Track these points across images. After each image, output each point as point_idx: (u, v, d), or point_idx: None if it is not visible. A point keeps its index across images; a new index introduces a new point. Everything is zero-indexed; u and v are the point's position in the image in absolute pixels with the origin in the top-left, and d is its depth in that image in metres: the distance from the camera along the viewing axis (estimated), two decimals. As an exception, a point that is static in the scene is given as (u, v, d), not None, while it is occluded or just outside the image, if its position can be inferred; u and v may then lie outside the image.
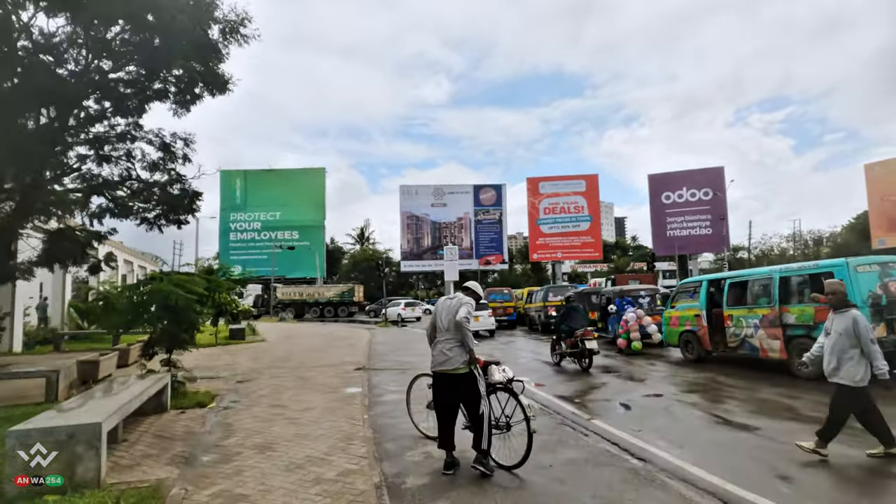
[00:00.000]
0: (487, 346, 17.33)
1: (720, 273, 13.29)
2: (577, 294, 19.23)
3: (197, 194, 16.57)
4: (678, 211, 53.37)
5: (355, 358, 13.96)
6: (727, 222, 52.13)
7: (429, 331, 5.53)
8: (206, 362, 13.44)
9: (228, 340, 19.48)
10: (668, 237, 53.49)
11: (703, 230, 52.52)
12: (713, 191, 52.32)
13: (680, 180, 53.61)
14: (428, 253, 55.42)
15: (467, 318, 5.05)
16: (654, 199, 54.26)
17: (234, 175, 58.84)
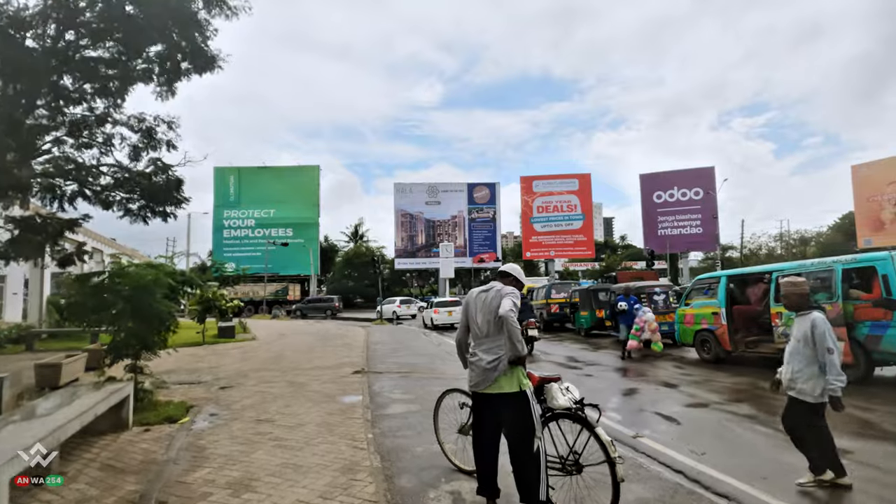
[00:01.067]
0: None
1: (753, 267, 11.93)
2: (584, 291, 17.89)
3: (180, 182, 15.07)
4: (669, 210, 52.42)
5: (353, 359, 12.49)
6: (717, 222, 51.26)
7: (459, 337, 4.08)
8: (188, 363, 11.89)
9: (217, 339, 17.91)
10: (659, 236, 52.49)
11: (693, 229, 51.60)
12: (704, 190, 51.38)
13: (671, 180, 52.64)
14: (422, 251, 53.95)
15: (513, 310, 3.54)
16: (646, 199, 53.29)
17: (227, 172, 56.94)
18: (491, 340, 3.67)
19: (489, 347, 3.67)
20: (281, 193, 55.98)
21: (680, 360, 11.74)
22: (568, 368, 11.18)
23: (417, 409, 7.17)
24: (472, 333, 3.85)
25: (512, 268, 4.06)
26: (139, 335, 6.44)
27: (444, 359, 12.79)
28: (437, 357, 13.11)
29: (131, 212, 17.01)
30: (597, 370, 10.93)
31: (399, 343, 16.91)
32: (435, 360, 12.43)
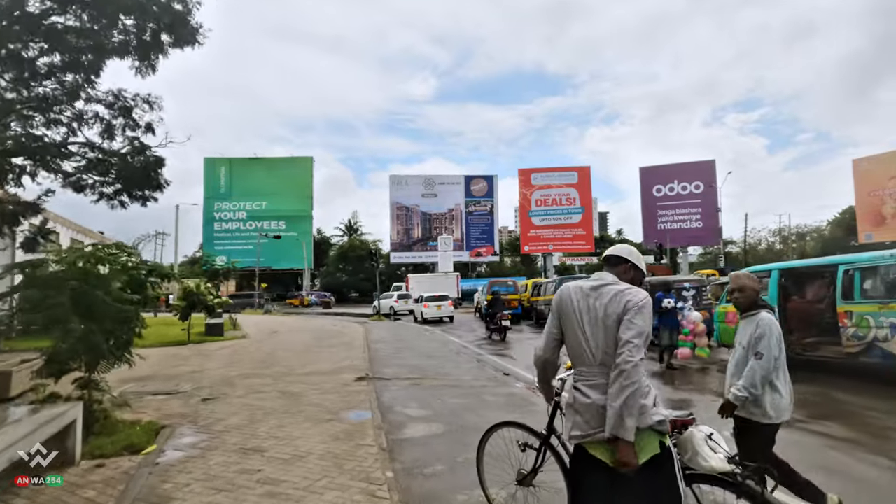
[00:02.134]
0: (504, 343, 14.64)
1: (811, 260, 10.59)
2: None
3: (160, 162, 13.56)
4: (669, 204, 51.35)
5: (353, 361, 11.11)
6: (719, 215, 50.26)
7: (545, 355, 2.68)
8: (169, 367, 10.44)
9: (203, 337, 16.43)
10: (658, 230, 51.37)
11: (693, 223, 50.56)
12: (704, 184, 50.31)
13: (671, 173, 51.53)
14: (418, 244, 52.52)
15: (641, 343, 2.21)
16: (646, 192, 52.18)
17: (218, 163, 55.12)
18: (607, 369, 2.29)
19: (604, 379, 2.29)
20: (273, 185, 54.27)
21: (723, 365, 10.46)
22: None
23: (441, 430, 5.82)
24: (574, 354, 2.47)
25: (627, 250, 2.63)
26: (88, 341, 4.99)
27: (456, 361, 11.45)
28: (446, 359, 11.76)
29: (106, 196, 15.49)
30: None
31: (401, 342, 15.54)
32: (445, 364, 11.08)
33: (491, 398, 7.43)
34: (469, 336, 17.60)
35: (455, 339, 16.85)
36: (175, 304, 15.26)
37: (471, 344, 15.23)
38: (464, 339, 16.49)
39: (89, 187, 15.05)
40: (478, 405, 7.01)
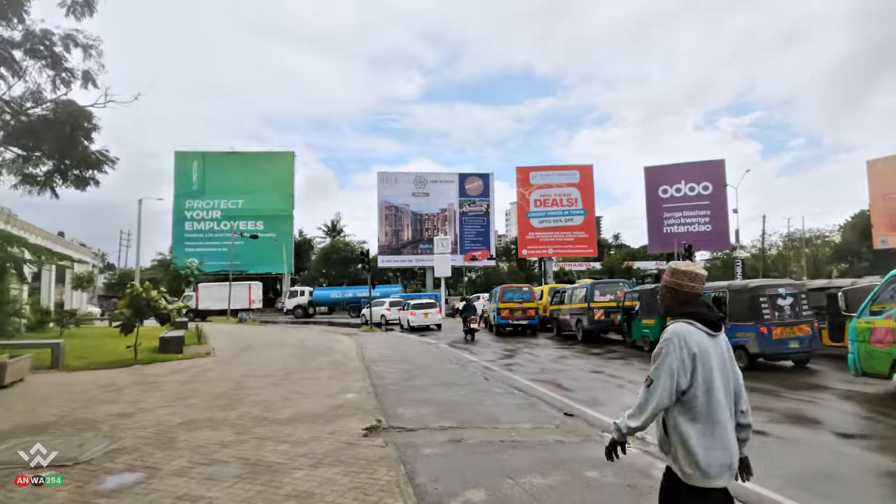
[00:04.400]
0: (537, 365, 11.81)
1: None
2: (648, 292, 13.88)
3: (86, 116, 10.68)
4: (676, 206, 49.26)
5: (353, 393, 8.18)
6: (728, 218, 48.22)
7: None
8: (87, 408, 7.36)
9: (156, 355, 13.29)
10: (664, 233, 49.25)
11: (702, 226, 48.50)
12: (713, 185, 48.34)
13: (678, 173, 49.49)
14: (408, 247, 49.55)
15: None
16: (651, 193, 50.05)
17: (190, 157, 51.60)
18: None
19: None
20: (251, 182, 50.89)
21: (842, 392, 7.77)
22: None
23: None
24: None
25: None
26: None
27: (489, 392, 8.60)
28: (475, 389, 8.89)
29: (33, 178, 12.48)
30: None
31: (408, 361, 12.62)
32: (479, 397, 8.22)
33: (593, 473, 4.58)
34: (486, 353, 14.74)
35: (469, 355, 14.00)
36: (115, 313, 12.11)
37: (494, 364, 12.38)
38: (481, 357, 13.64)
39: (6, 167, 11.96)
40: (581, 489, 4.18)
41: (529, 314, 19.70)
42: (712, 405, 2.14)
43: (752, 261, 51.77)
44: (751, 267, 49.39)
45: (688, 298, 2.28)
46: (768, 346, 9.94)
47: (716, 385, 2.14)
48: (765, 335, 9.94)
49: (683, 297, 2.28)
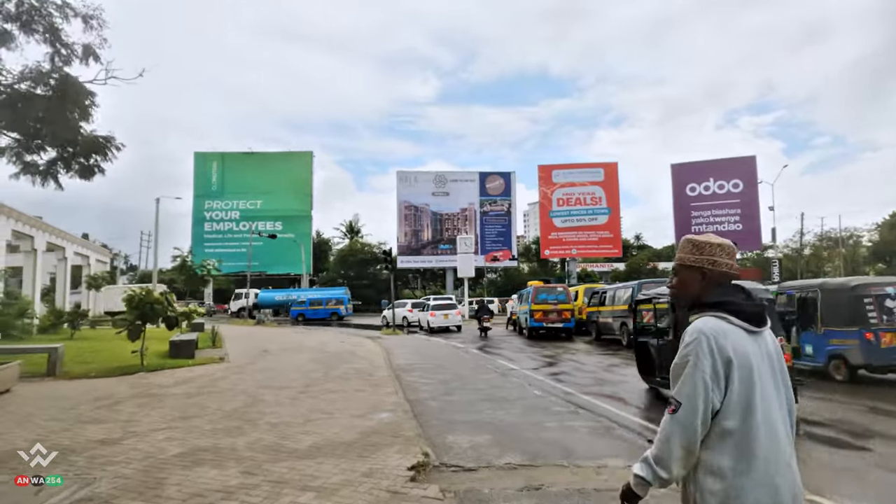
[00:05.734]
0: (587, 374, 10.24)
1: None
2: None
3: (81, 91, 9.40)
4: (705, 204, 47.11)
5: (387, 411, 6.74)
6: (759, 217, 46.04)
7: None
8: (70, 429, 6.02)
9: (165, 360, 12.03)
10: (693, 233, 46.77)
11: (732, 225, 46.24)
12: (744, 182, 46.15)
13: (707, 171, 47.32)
14: (428, 247, 48.14)
15: None
16: (678, 191, 47.91)
17: (209, 158, 50.89)
18: None
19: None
20: (269, 183, 50.00)
21: None
22: (828, 444, 5.50)
23: None
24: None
25: None
26: None
27: (550, 411, 7.09)
28: (529, 404, 7.41)
29: (35, 168, 11.23)
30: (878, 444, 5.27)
31: (443, 370, 11.16)
32: (537, 415, 6.75)
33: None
34: (523, 359, 13.22)
35: (506, 362, 12.49)
36: (121, 319, 10.86)
37: (537, 373, 10.87)
38: (520, 364, 12.13)
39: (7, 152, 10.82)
40: None
41: (565, 316, 18.11)
42: (752, 430, 1.50)
43: (786, 261, 49.42)
44: (784, 268, 47.07)
45: (721, 282, 1.66)
46: (876, 355, 8.27)
47: (760, 401, 1.52)
48: (872, 343, 8.27)
49: (716, 279, 1.66)
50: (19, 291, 19.28)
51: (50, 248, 22.53)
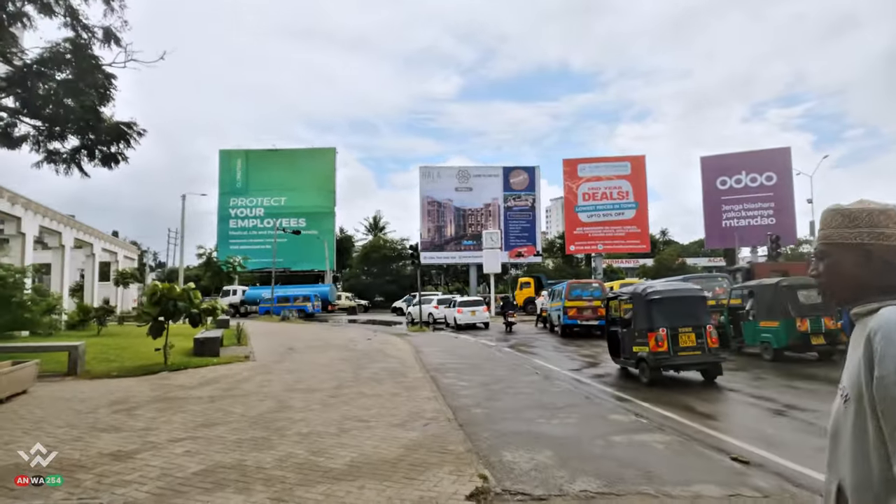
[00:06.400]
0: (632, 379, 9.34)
1: None
2: (770, 287, 11.21)
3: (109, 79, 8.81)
4: (736, 198, 45.37)
5: (428, 419, 5.97)
6: (794, 210, 44.15)
7: None
8: (80, 439, 5.41)
9: (190, 359, 11.50)
10: (723, 227, 45.52)
11: (765, 219, 44.48)
12: (777, 175, 44.29)
13: (738, 163, 45.56)
14: (451, 243, 47.35)
15: None
16: (708, 185, 46.28)
17: (234, 155, 50.87)
18: None
19: None
20: (293, 179, 49.78)
21: None
22: None
23: None
24: None
25: None
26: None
27: (609, 420, 6.24)
28: (585, 413, 6.57)
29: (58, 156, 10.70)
30: None
31: (478, 370, 10.37)
32: (599, 425, 5.92)
33: None
34: (562, 359, 12.35)
35: (544, 363, 11.65)
36: (142, 311, 10.31)
37: (580, 374, 10.01)
38: (560, 365, 11.28)
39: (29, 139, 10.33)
40: None
41: (601, 313, 17.11)
42: None
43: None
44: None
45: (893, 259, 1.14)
46: None
47: None
48: None
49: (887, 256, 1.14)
50: (47, 288, 19.09)
51: (78, 244, 22.38)
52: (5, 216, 16.23)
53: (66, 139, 10.29)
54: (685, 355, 8.50)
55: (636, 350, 9.04)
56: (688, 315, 8.77)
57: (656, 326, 8.53)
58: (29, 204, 16.85)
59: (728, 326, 12.48)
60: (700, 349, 8.57)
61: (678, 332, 8.53)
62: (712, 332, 8.71)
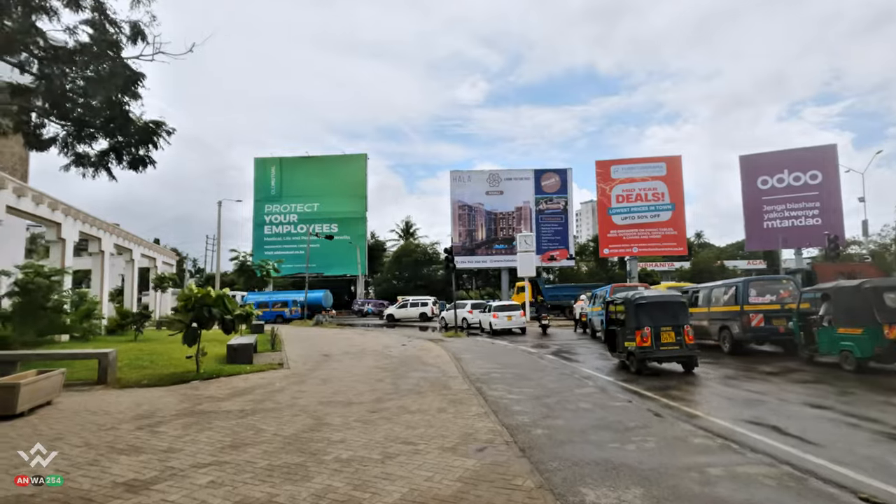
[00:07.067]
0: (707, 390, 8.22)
1: None
2: (853, 289, 9.92)
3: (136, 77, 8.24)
4: (779, 198, 43.04)
5: (484, 444, 5.11)
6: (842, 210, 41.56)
7: None
8: (91, 466, 4.73)
9: (223, 366, 10.93)
10: (765, 228, 43.22)
11: (810, 220, 42.05)
12: (822, 173, 41.84)
13: (780, 162, 43.26)
14: (482, 247, 46.46)
15: None
16: (748, 185, 44.08)
17: (268, 163, 51.25)
18: None
19: None
20: (325, 186, 49.81)
21: None
22: None
23: None
24: None
25: None
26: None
27: (691, 444, 5.25)
28: (658, 434, 5.59)
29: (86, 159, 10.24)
30: None
31: (526, 381, 9.43)
32: (682, 451, 4.95)
33: None
34: (610, 368, 11.30)
35: (593, 371, 10.66)
36: (172, 318, 9.76)
37: (638, 385, 8.97)
38: (612, 375, 10.25)
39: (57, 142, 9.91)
40: None
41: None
42: None
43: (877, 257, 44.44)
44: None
45: None
46: None
47: None
48: None
49: None
50: (86, 293, 19.01)
51: (118, 250, 22.38)
52: (46, 222, 16.13)
53: (96, 140, 9.85)
54: (666, 350, 9.89)
55: (627, 345, 10.39)
56: (669, 316, 10.02)
57: (642, 325, 9.92)
58: (69, 210, 16.74)
59: (798, 333, 11.20)
60: (679, 345, 9.90)
61: (660, 330, 9.87)
62: (689, 331, 10.04)
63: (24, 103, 8.69)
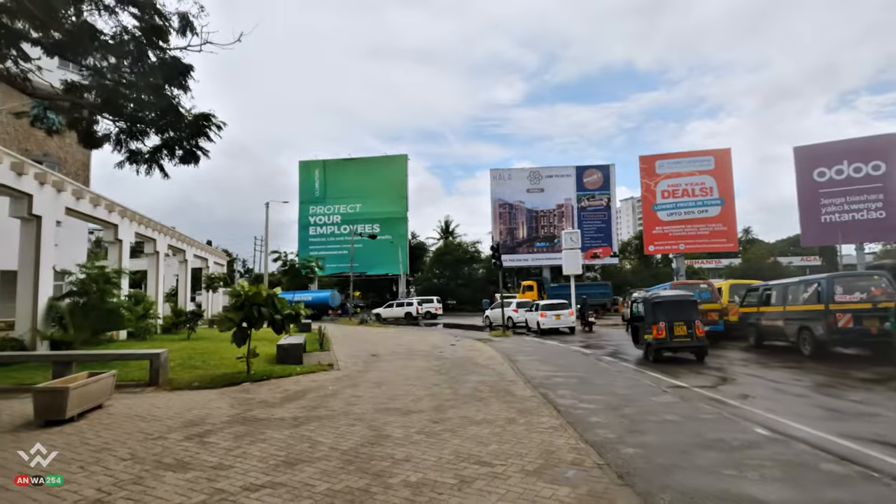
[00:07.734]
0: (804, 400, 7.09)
1: None
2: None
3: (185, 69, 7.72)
4: (837, 190, 40.07)
5: (572, 467, 4.28)
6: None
7: None
8: (133, 485, 4.17)
9: (273, 367, 10.48)
10: (822, 223, 40.29)
11: (872, 213, 38.94)
12: (886, 163, 38.67)
13: (839, 152, 40.27)
14: (523, 245, 45.37)
15: None
16: (803, 177, 41.25)
17: (312, 165, 51.66)
18: None
19: None
20: (367, 186, 49.79)
21: None
22: None
23: None
24: None
25: None
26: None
27: (819, 470, 4.24)
28: (779, 459, 4.60)
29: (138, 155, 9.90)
30: None
31: (593, 386, 8.50)
32: (813, 483, 3.98)
33: None
34: (680, 372, 10.20)
35: (660, 375, 9.60)
36: (222, 317, 9.32)
37: (717, 393, 7.91)
38: (682, 379, 9.18)
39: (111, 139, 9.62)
40: None
41: (711, 318, 14.66)
42: None
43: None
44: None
45: None
46: None
47: None
48: None
49: None
50: (143, 293, 19.18)
51: (172, 251, 22.61)
52: (103, 223, 16.24)
53: (147, 136, 9.53)
54: (678, 341, 11.11)
55: (646, 337, 11.58)
56: (681, 312, 11.21)
57: (658, 320, 11.18)
58: (125, 211, 16.83)
59: (895, 334, 9.81)
60: (690, 337, 11.07)
61: (673, 324, 11.06)
62: (699, 325, 11.18)
63: (76, 99, 8.41)
